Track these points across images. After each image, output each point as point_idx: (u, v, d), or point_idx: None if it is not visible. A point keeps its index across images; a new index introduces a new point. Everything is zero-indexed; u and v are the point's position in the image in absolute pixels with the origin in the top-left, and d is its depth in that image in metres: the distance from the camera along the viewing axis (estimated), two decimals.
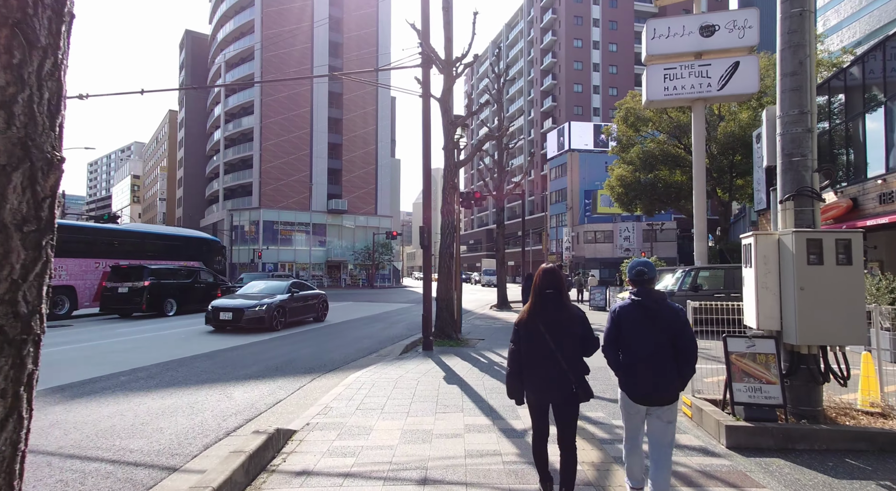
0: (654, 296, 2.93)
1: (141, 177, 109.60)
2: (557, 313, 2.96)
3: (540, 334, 2.94)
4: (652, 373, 2.81)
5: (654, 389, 2.82)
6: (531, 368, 2.98)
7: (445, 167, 10.72)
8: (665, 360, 2.81)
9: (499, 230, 20.90)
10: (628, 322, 2.92)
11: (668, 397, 2.84)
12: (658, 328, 2.84)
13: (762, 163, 18.73)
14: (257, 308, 11.92)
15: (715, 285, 11.59)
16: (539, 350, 2.94)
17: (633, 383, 2.87)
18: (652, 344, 2.83)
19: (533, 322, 2.99)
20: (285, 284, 13.60)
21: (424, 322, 9.30)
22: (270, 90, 50.28)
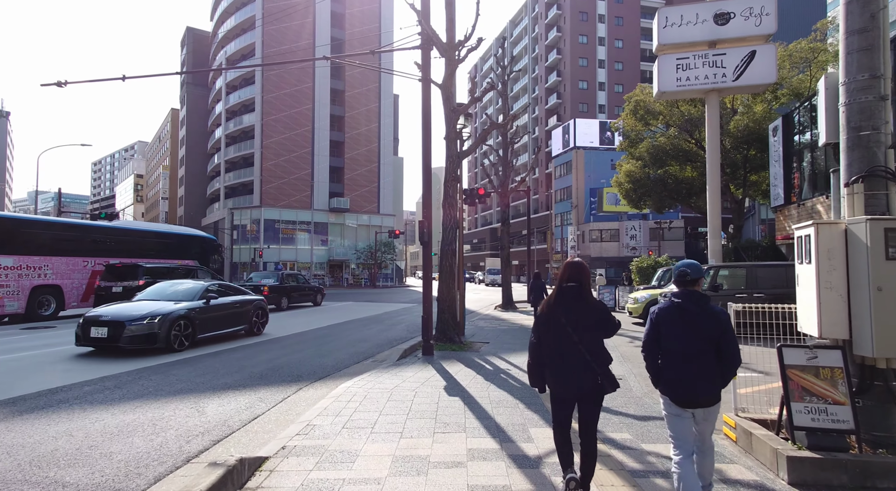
0: (695, 298, 2.84)
1: (144, 176, 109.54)
2: (579, 305, 2.98)
3: (562, 326, 2.96)
4: (695, 376, 2.76)
5: (699, 392, 2.77)
6: (554, 361, 3.00)
7: (447, 158, 10.00)
8: (708, 363, 2.77)
9: (503, 228, 20.17)
10: (668, 324, 2.85)
11: (713, 400, 2.81)
12: (700, 331, 2.78)
13: (779, 157, 17.89)
14: (146, 321, 8.36)
15: (735, 285, 10.84)
16: (562, 342, 2.96)
17: (677, 387, 2.81)
18: (694, 347, 2.77)
19: (555, 314, 3.00)
20: (199, 287, 10.05)
21: (424, 325, 8.59)
22: (271, 87, 49.71)
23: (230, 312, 10.42)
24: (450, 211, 9.89)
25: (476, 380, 6.59)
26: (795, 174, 16.76)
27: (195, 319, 9.26)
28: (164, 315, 8.65)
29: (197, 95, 62.81)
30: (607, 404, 5.34)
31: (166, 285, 10.47)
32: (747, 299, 10.53)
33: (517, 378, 6.70)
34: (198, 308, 9.43)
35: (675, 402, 2.82)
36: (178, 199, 70.09)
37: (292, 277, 19.60)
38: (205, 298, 9.72)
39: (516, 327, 13.03)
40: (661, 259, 20.59)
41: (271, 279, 18.17)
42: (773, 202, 18.14)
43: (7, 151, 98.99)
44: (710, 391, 2.77)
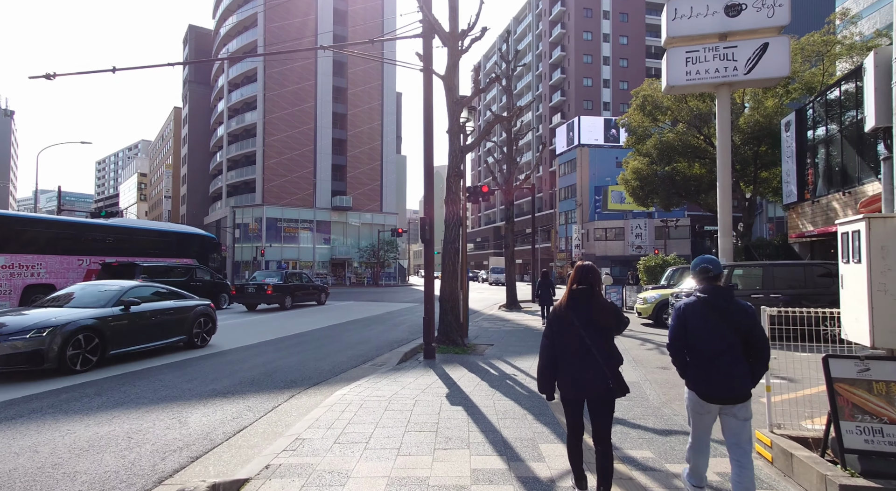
0: (722, 293, 2.84)
1: (147, 174, 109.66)
2: (590, 307, 2.99)
3: (574, 328, 2.97)
4: (725, 372, 2.74)
5: (729, 388, 2.74)
6: (566, 363, 3.00)
7: (450, 153, 9.58)
8: (737, 358, 2.75)
9: (507, 226, 19.73)
10: (695, 320, 2.84)
11: (743, 395, 2.75)
12: (728, 326, 2.77)
13: (792, 153, 17.38)
14: (31, 335, 6.41)
15: (751, 285, 10.37)
16: (574, 344, 2.97)
17: (706, 383, 2.79)
18: (723, 342, 2.76)
19: (567, 316, 3.01)
20: (116, 290, 8.10)
21: (426, 327, 8.18)
22: (273, 85, 49.39)
23: (160, 320, 8.44)
24: (452, 207, 9.47)
25: (480, 387, 6.18)
26: (809, 170, 16.25)
27: (105, 330, 7.24)
28: (58, 327, 6.61)
29: (199, 93, 62.58)
30: (623, 416, 4.92)
31: (93, 286, 8.57)
32: (764, 300, 10.08)
33: (524, 385, 6.29)
34: (111, 316, 7.44)
35: (704, 398, 2.80)
36: (180, 198, 69.92)
37: (296, 276, 19.25)
38: (123, 303, 7.79)
39: (521, 328, 12.61)
40: (670, 258, 20.11)
41: (275, 278, 17.82)
42: (785, 200, 17.63)
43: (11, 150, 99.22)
44: (743, 386, 2.74)
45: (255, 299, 17.08)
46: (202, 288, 17.05)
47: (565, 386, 3.01)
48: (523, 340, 10.53)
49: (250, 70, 51.00)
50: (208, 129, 61.37)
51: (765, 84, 17.41)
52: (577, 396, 3.00)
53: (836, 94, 15.20)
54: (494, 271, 52.61)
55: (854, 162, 14.12)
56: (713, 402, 2.78)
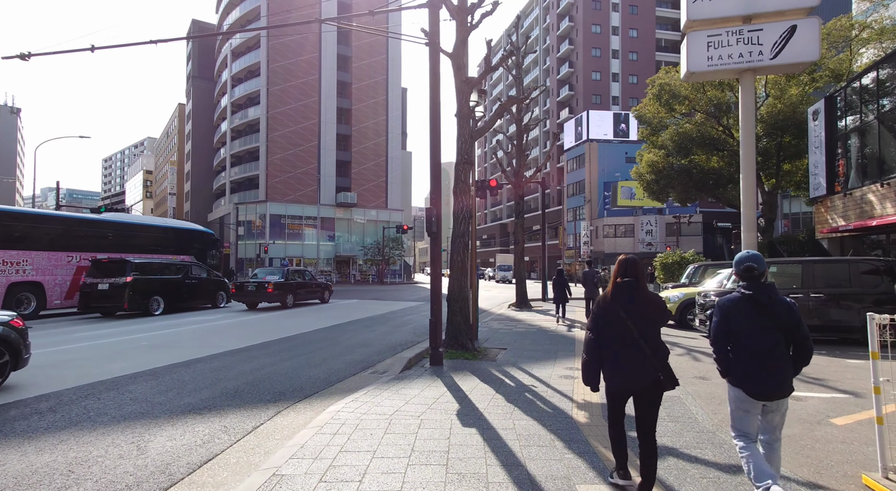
0: (766, 290, 2.85)
1: (153, 172, 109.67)
2: (636, 299, 2.98)
3: (621, 321, 2.97)
4: (771, 369, 2.77)
5: (776, 384, 2.77)
6: (613, 356, 3.00)
7: (458, 138, 8.73)
8: (782, 354, 2.79)
9: (517, 221, 18.87)
10: (739, 317, 2.85)
11: (788, 392, 2.82)
12: (773, 323, 2.79)
13: (820, 143, 16.38)
14: None
15: (788, 284, 9.48)
16: (621, 336, 2.96)
17: (753, 381, 2.80)
18: (769, 339, 2.78)
19: (613, 309, 3.01)
20: None
21: (432, 329, 7.35)
22: (277, 80, 48.67)
23: None
24: (462, 198, 8.62)
25: (496, 401, 5.34)
26: (840, 161, 15.26)
27: None
28: None
29: (203, 89, 62.01)
30: (673, 443, 4.08)
31: None
32: (803, 300, 9.18)
33: (547, 399, 5.45)
34: None
35: (750, 394, 2.82)
36: (184, 195, 69.50)
37: (298, 274, 18.51)
38: None
39: (535, 330, 11.75)
40: (688, 255, 19.15)
41: (276, 276, 17.07)
42: (812, 193, 16.63)
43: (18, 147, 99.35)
44: (787, 382, 2.79)
45: (255, 298, 16.35)
46: (198, 286, 16.35)
47: (612, 378, 3.03)
48: (538, 343, 9.68)
49: (253, 64, 50.31)
50: (212, 125, 60.82)
51: (792, 69, 16.40)
52: (625, 388, 3.02)
53: (871, 79, 14.21)
54: (501, 269, 51.75)
55: (893, 151, 13.14)
56: (762, 399, 2.82)
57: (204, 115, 61.89)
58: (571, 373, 6.79)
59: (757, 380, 2.78)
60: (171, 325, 12.43)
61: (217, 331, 11.38)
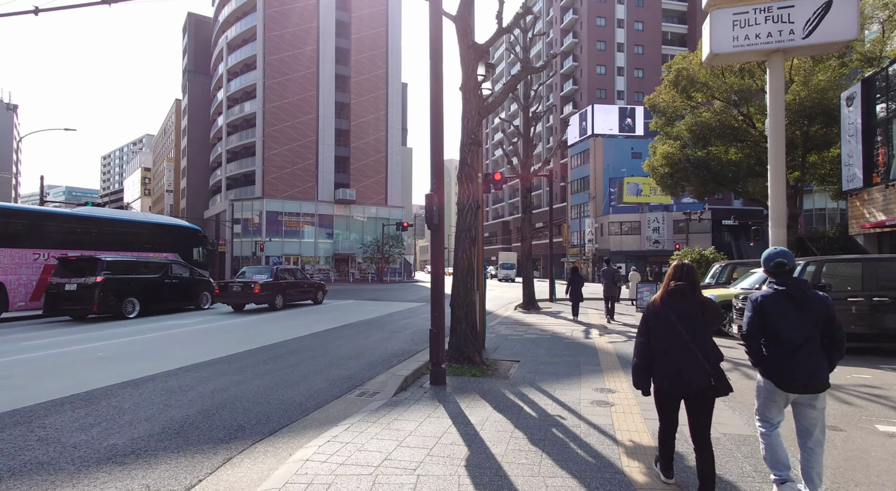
0: (799, 285, 2.93)
1: (151, 169, 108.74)
2: (690, 303, 2.99)
3: (672, 324, 2.97)
4: (806, 362, 2.81)
5: (811, 377, 2.81)
6: (664, 359, 3.00)
7: (463, 115, 7.45)
8: (817, 348, 2.83)
9: (524, 216, 17.57)
10: (774, 312, 2.89)
11: (824, 385, 2.83)
12: (807, 317, 2.83)
13: (856, 130, 15.07)
14: None
15: (846, 285, 8.18)
16: (673, 340, 2.97)
17: (787, 373, 2.85)
18: (803, 334, 2.82)
19: (664, 313, 3.01)
20: None
21: (433, 342, 6.09)
22: (273, 73, 47.36)
23: None
24: (468, 186, 7.35)
25: (516, 443, 4.07)
26: (880, 150, 13.95)
27: None
28: None
29: (198, 83, 60.72)
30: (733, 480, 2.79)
31: None
32: (866, 304, 7.89)
33: (582, 439, 4.17)
34: None
35: (780, 385, 2.87)
36: (180, 192, 68.29)
37: (289, 272, 17.24)
38: None
39: (548, 336, 10.48)
40: (707, 252, 17.85)
41: (264, 275, 15.80)
42: (846, 185, 15.34)
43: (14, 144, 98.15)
44: (819, 375, 2.82)
45: (241, 299, 15.08)
46: (179, 286, 15.11)
47: (663, 381, 3.02)
48: (555, 352, 8.41)
49: (250, 58, 49.01)
50: (208, 120, 59.56)
51: (826, 50, 15.06)
52: (676, 390, 3.00)
53: None
54: (504, 267, 50.49)
55: None
56: (792, 391, 2.86)
57: (200, 111, 60.62)
58: (605, 397, 5.52)
59: (788, 372, 2.83)
60: (141, 330, 11.17)
61: (190, 338, 10.12)
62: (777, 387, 2.86)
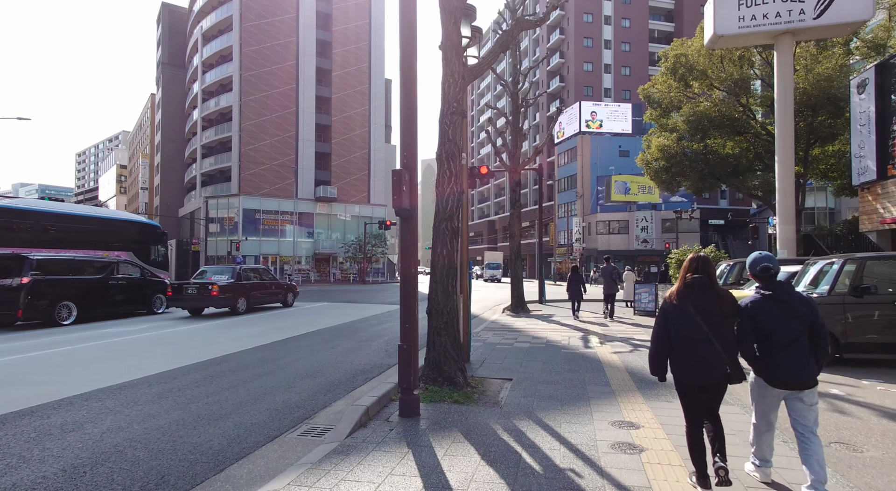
0: (785, 288, 3.08)
1: (127, 166, 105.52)
2: (708, 295, 3.04)
3: (690, 317, 3.03)
4: (796, 360, 2.96)
5: (799, 375, 2.96)
6: (683, 350, 3.07)
7: (444, 79, 6.05)
8: (804, 347, 2.98)
9: (514, 212, 16.27)
10: (764, 315, 3.03)
11: (812, 381, 2.98)
12: (797, 317, 2.98)
13: (869, 119, 14.01)
14: None
15: (888, 287, 6.98)
16: (691, 333, 3.03)
17: (778, 371, 3.01)
18: (793, 333, 2.97)
19: (683, 305, 3.07)
20: None
21: (402, 361, 4.69)
22: (250, 64, 45.42)
23: None
24: (450, 166, 5.95)
25: None
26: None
27: None
28: None
29: (173, 76, 58.41)
30: None
31: None
32: None
33: None
34: None
35: (771, 383, 3.04)
36: (155, 189, 65.74)
37: (255, 273, 15.66)
38: None
39: (542, 345, 9.15)
40: (707, 250, 16.75)
41: (225, 275, 14.21)
42: (856, 178, 14.31)
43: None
44: (807, 373, 2.97)
45: (197, 302, 13.47)
46: (128, 288, 13.46)
47: (682, 372, 3.10)
48: (553, 367, 7.06)
49: (225, 49, 47.01)
50: (183, 114, 57.28)
51: (838, 31, 14.04)
52: (696, 381, 3.07)
53: None
54: (490, 267, 49.25)
55: None
56: (784, 388, 3.01)
57: (174, 105, 58.29)
58: (627, 436, 4.18)
59: (778, 370, 3.00)
60: (68, 340, 9.57)
61: (120, 351, 8.57)
62: (768, 384, 3.05)
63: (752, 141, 18.22)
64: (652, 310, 14.31)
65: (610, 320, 13.15)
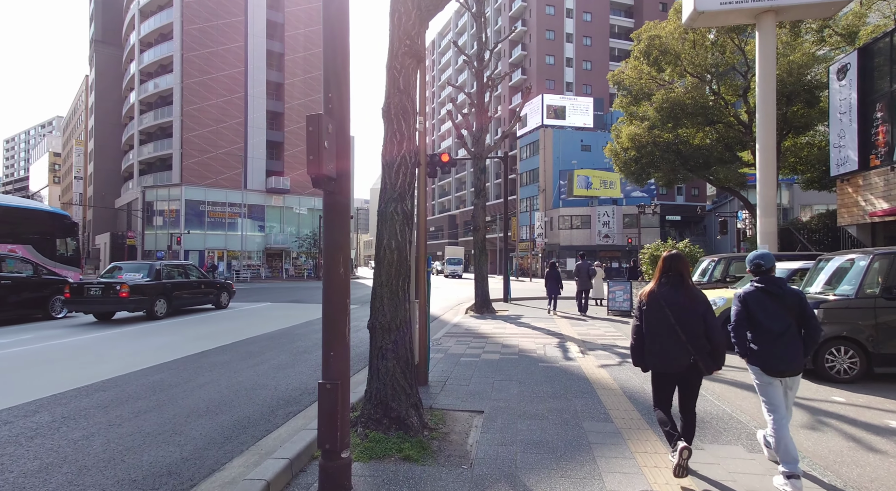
0: (776, 282, 3.32)
1: (61, 154, 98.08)
2: (678, 293, 3.30)
3: (663, 310, 3.29)
4: (787, 349, 3.20)
5: (791, 362, 3.21)
6: (653, 340, 3.34)
7: (393, 11, 4.43)
8: (795, 336, 3.23)
9: (478, 202, 14.79)
10: (756, 306, 3.29)
11: (799, 368, 3.26)
12: (785, 309, 3.24)
13: (850, 107, 13.23)
14: None
15: None
16: (661, 325, 3.30)
17: (771, 359, 3.22)
18: (783, 323, 3.22)
19: (656, 300, 3.33)
20: None
21: (324, 406, 3.05)
22: (193, 44, 41.99)
23: None
24: (401, 126, 4.35)
25: None
26: (881, 128, 12.23)
27: None
28: None
29: (108, 55, 53.72)
30: None
31: None
32: None
33: None
34: None
35: (768, 371, 3.25)
36: (89, 177, 60.62)
37: (179, 270, 13.49)
38: None
39: (515, 355, 7.71)
40: (682, 245, 15.83)
41: (140, 273, 12.02)
42: (835, 169, 13.63)
43: None
44: (800, 361, 3.23)
45: (102, 306, 11.24)
46: (13, 288, 11.11)
47: (654, 361, 3.35)
48: (533, 390, 5.59)
49: (165, 26, 43.34)
50: (119, 96, 52.83)
51: (821, 11, 13.22)
52: (665, 370, 3.33)
53: None
54: (451, 262, 47.82)
55: None
56: (775, 375, 3.24)
57: (109, 86, 53.64)
58: None
59: (772, 358, 3.21)
60: None
61: None
62: (763, 371, 3.27)
63: (722, 132, 17.48)
64: (627, 309, 13.20)
65: (584, 316, 13.18)
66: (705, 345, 3.19)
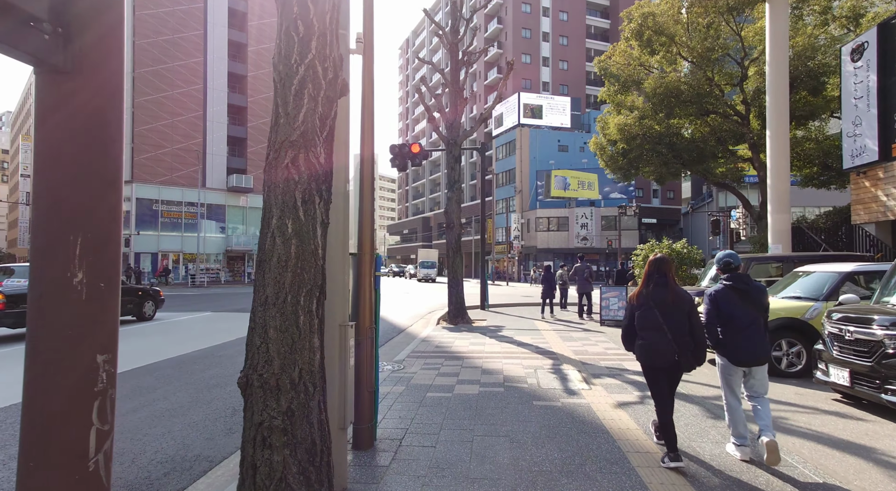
0: (744, 279, 3.64)
1: (9, 151, 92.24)
2: (665, 293, 3.52)
3: (651, 310, 3.51)
4: (754, 340, 3.50)
5: (757, 352, 3.51)
6: (644, 337, 3.56)
7: None
8: (760, 329, 3.53)
9: (452, 196, 12.85)
10: (726, 302, 3.58)
11: (764, 358, 3.56)
12: (751, 304, 3.54)
13: (868, 91, 11.45)
14: None
15: None
16: (649, 323, 3.51)
17: (739, 351, 3.54)
18: (750, 317, 3.53)
19: (646, 300, 3.55)
20: None
21: None
22: (146, 31, 38.89)
23: None
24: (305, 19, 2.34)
25: None
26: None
27: None
28: None
29: None
30: None
31: None
32: None
33: None
34: None
35: (735, 362, 3.57)
36: None
37: None
38: None
39: (499, 387, 5.79)
40: (678, 246, 14.24)
41: (25, 279, 9.56)
42: (849, 161, 12.21)
43: None
44: (762, 352, 3.54)
45: None
46: None
47: (642, 356, 3.58)
48: (531, 455, 3.65)
49: None
50: None
51: None
52: (652, 364, 3.55)
53: None
54: (424, 266, 45.78)
55: None
56: (743, 365, 3.56)
57: None
58: None
59: (738, 350, 3.53)
60: None
61: None
62: (731, 363, 3.59)
63: (717, 124, 16.05)
64: (622, 318, 11.47)
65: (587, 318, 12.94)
66: (689, 342, 3.46)
